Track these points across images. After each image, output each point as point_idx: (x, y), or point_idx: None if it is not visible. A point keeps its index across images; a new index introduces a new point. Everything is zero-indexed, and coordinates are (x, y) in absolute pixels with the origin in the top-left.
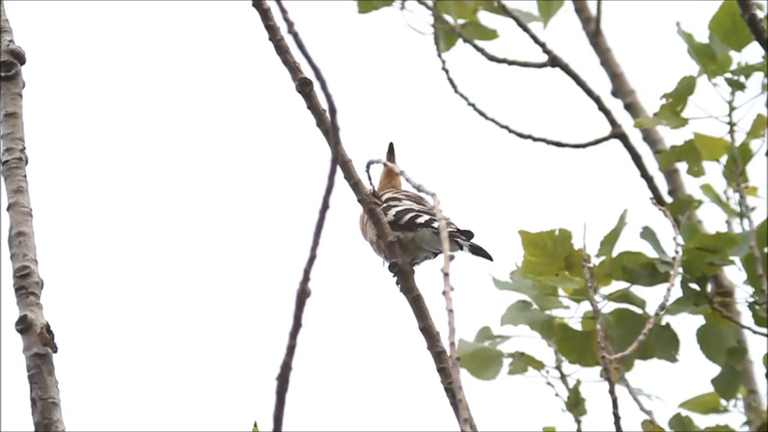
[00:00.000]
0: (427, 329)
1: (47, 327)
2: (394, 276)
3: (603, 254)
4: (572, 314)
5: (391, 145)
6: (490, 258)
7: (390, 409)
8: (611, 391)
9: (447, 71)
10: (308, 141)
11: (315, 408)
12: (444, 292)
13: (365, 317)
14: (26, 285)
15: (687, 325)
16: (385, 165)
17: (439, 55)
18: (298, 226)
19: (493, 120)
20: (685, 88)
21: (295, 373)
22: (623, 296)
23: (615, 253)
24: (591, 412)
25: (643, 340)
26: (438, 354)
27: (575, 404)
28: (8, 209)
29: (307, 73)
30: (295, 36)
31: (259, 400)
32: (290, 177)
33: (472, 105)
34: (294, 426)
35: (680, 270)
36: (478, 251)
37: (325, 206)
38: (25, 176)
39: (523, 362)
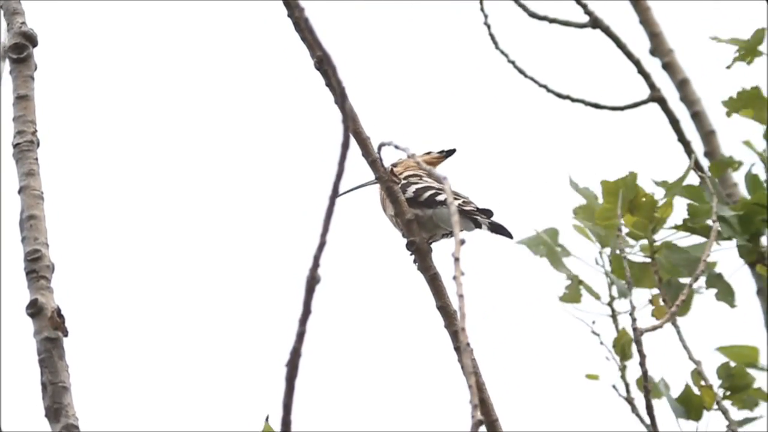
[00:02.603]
0: (445, 308)
1: (58, 311)
2: (411, 254)
3: (668, 197)
4: (632, 251)
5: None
6: (510, 236)
7: (407, 389)
8: (642, 364)
9: (489, 26)
10: (326, 118)
11: (331, 388)
12: (455, 277)
13: (382, 295)
14: (37, 268)
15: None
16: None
17: (482, 9)
18: (311, 209)
19: (532, 78)
20: (756, 39)
21: (305, 359)
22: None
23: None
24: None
25: (691, 284)
26: (455, 333)
27: (621, 349)
28: (20, 192)
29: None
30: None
31: (269, 387)
32: (307, 156)
33: (512, 62)
34: (305, 412)
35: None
36: (498, 229)
37: (335, 192)
38: (36, 159)
39: (578, 288)
